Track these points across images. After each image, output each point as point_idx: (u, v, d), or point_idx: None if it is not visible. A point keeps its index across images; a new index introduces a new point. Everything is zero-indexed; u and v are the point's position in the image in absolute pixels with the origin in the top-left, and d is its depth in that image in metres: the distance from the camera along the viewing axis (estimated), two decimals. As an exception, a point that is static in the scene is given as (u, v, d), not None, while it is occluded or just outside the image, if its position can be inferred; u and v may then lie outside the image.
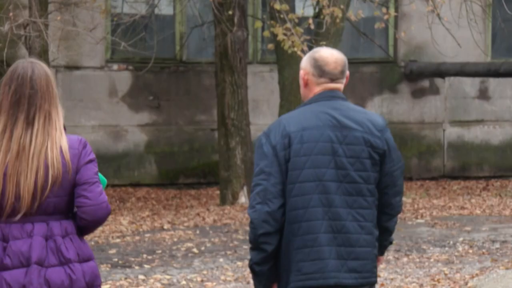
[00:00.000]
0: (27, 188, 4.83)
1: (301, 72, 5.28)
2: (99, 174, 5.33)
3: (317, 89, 5.24)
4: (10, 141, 4.90)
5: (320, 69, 5.22)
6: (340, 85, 5.29)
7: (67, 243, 4.91)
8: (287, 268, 5.10)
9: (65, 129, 5.08)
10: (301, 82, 5.30)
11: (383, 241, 5.40)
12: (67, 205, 4.98)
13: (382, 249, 5.47)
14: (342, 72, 5.27)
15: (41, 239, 4.85)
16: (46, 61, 15.59)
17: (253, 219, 5.05)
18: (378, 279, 10.27)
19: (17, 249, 4.81)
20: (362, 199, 5.11)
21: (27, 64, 5.07)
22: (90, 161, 5.14)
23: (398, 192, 5.32)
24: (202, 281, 10.33)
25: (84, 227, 5.05)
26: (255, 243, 5.12)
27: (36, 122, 4.92)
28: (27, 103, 4.94)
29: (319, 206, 5.05)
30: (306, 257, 5.04)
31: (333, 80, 5.24)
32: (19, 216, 4.86)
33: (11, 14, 15.20)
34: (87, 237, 12.93)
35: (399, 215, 12.33)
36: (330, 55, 5.26)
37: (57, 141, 4.93)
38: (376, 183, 5.17)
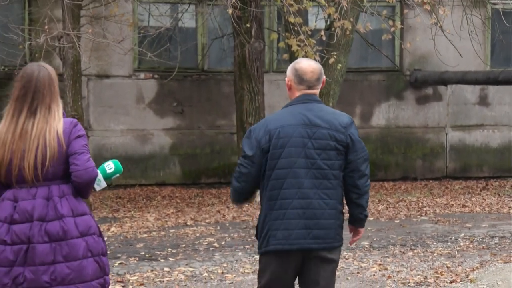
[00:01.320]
0: (28, 162, 5.80)
1: (286, 79, 6.35)
2: (117, 162, 6.20)
3: (298, 93, 6.25)
4: (16, 126, 5.86)
5: (300, 78, 6.23)
6: (316, 91, 6.32)
7: (63, 202, 5.85)
8: (265, 234, 6.10)
9: (64, 115, 6.02)
10: (287, 87, 6.36)
11: (359, 215, 6.38)
12: (64, 173, 5.88)
13: (360, 222, 6.46)
14: (318, 80, 6.27)
15: (43, 200, 5.82)
16: (79, 70, 15.69)
17: (234, 188, 6.32)
18: (385, 271, 10.35)
19: (23, 208, 5.80)
20: (327, 181, 6.06)
21: (35, 66, 6.06)
22: (79, 136, 5.93)
23: (363, 175, 6.18)
24: (222, 273, 10.35)
25: (78, 188, 5.90)
26: (234, 200, 6.63)
27: (38, 112, 5.87)
28: (31, 98, 5.89)
29: (291, 188, 6.03)
30: (278, 227, 6.04)
31: (310, 87, 6.24)
32: (26, 183, 5.84)
33: (46, 27, 15.25)
34: (117, 232, 13.01)
35: (403, 213, 12.53)
36: (308, 66, 6.27)
37: (54, 127, 5.85)
38: (341, 169, 6.12)
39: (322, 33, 16.38)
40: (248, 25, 16.40)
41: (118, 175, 6.23)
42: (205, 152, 19.33)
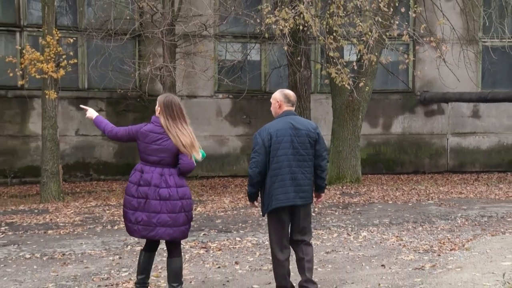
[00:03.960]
0: (185, 148, 7.06)
1: (277, 100, 7.38)
2: (201, 150, 7.36)
3: (284, 109, 7.34)
4: (171, 126, 7.09)
5: (287, 99, 7.36)
6: (293, 108, 7.41)
7: (170, 177, 6.99)
8: (269, 198, 7.08)
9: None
10: (276, 105, 7.40)
11: (321, 184, 7.39)
12: (173, 162, 7.06)
13: (322, 189, 7.47)
14: (295, 101, 7.47)
15: (158, 174, 6.97)
16: (174, 92, 15.78)
17: (251, 174, 7.14)
18: (401, 242, 10.25)
19: (145, 177, 6.98)
20: (306, 163, 7.17)
21: (171, 95, 7.34)
22: (192, 144, 7.13)
23: (323, 159, 7.30)
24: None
25: (181, 172, 7.08)
26: (251, 184, 7.19)
27: (180, 121, 7.14)
28: (173, 112, 7.12)
29: (285, 167, 7.09)
30: (279, 192, 7.06)
31: (292, 105, 7.38)
32: (151, 163, 7.05)
33: (151, 60, 15.42)
34: (201, 211, 12.97)
35: (415, 198, 12.31)
36: (291, 93, 7.47)
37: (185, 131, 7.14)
38: (313, 155, 7.23)
39: (354, 63, 16.34)
40: (298, 58, 16.43)
41: (203, 158, 7.37)
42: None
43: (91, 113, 7.39)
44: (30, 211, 13.82)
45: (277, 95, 7.37)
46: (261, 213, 7.44)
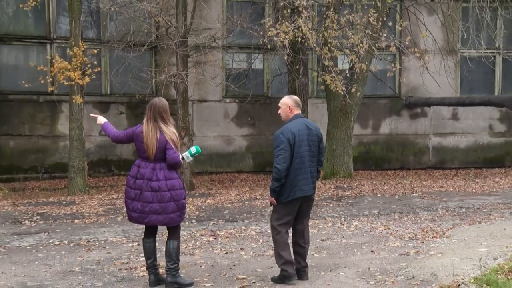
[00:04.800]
0: (151, 149, 7.01)
1: (288, 105, 7.39)
2: (197, 147, 7.44)
3: (295, 113, 7.40)
4: (148, 128, 7.04)
5: (297, 104, 7.44)
6: (301, 111, 7.52)
7: (161, 171, 7.03)
8: (291, 188, 7.15)
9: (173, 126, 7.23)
10: (287, 109, 7.41)
11: (318, 176, 7.54)
12: (163, 157, 7.05)
13: (319, 178, 7.63)
14: (301, 105, 7.79)
15: (151, 169, 7.03)
16: (186, 97, 15.80)
17: (280, 168, 7.07)
18: (388, 230, 10.24)
19: (141, 172, 7.06)
20: (315, 159, 7.37)
21: (156, 98, 7.24)
22: (172, 140, 7.06)
23: (322, 155, 7.50)
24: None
25: (169, 165, 7.05)
26: (279, 179, 7.08)
27: (157, 122, 7.06)
28: (153, 115, 7.08)
29: (305, 162, 7.23)
30: (303, 183, 7.21)
31: (300, 109, 7.50)
32: (147, 159, 7.08)
33: (166, 69, 15.38)
34: (211, 203, 12.98)
35: (401, 192, 12.28)
36: (298, 98, 7.57)
37: (164, 131, 7.05)
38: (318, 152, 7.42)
39: (347, 71, 16.32)
40: (297, 66, 16.40)
41: (198, 154, 7.39)
42: (269, 151, 19.26)
43: (100, 119, 7.50)
44: (59, 203, 13.84)
45: (288, 101, 7.40)
46: (270, 204, 7.52)
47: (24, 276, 7.90)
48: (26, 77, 17.39)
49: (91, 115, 8.45)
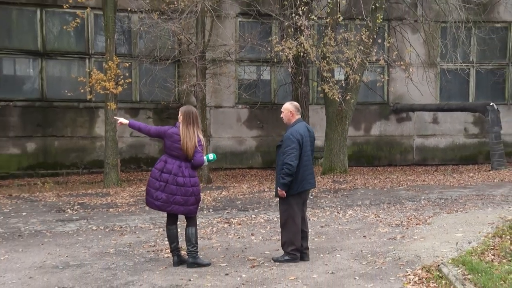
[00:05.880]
0: (190, 151, 7.01)
1: (290, 110, 7.31)
2: (214, 155, 7.54)
3: (296, 117, 7.33)
4: (187, 132, 7.04)
5: (297, 109, 7.37)
6: (301, 116, 7.47)
7: (186, 169, 7.03)
8: (301, 182, 7.14)
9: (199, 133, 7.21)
10: (289, 114, 7.31)
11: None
12: (190, 157, 7.03)
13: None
14: (301, 110, 7.82)
15: (177, 166, 7.01)
16: (204, 103, 15.80)
17: (293, 165, 7.01)
18: (378, 218, 10.18)
19: (168, 167, 7.02)
20: (311, 156, 7.26)
21: (190, 107, 7.27)
22: (200, 145, 7.10)
23: (313, 152, 7.34)
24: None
25: (193, 166, 7.09)
26: (290, 174, 7.02)
27: (194, 128, 7.09)
28: (192, 121, 7.11)
29: (310, 160, 7.23)
30: (311, 177, 7.24)
31: (300, 113, 7.42)
32: (174, 157, 7.06)
33: (187, 79, 15.43)
34: (225, 195, 12.95)
35: (389, 185, 12.12)
36: (298, 104, 7.47)
37: (199, 137, 7.13)
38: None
39: (342, 82, 16.27)
40: (300, 77, 16.38)
41: (214, 160, 7.49)
42: (275, 150, 19.27)
43: (123, 121, 7.36)
44: (96, 194, 13.87)
45: (290, 107, 7.33)
46: (275, 197, 7.63)
47: (67, 256, 7.93)
48: (68, 87, 17.48)
49: (115, 117, 8.41)
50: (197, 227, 7.29)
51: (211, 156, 7.41)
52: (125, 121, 7.36)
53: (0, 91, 17.86)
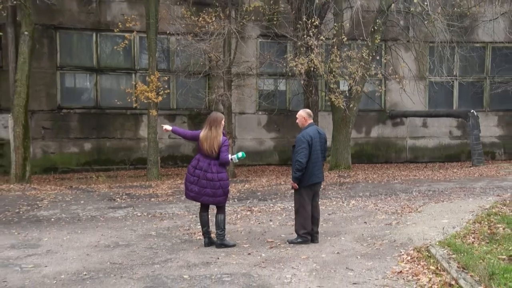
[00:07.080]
0: (208, 149, 6.98)
1: (303, 116, 7.22)
2: (243, 153, 7.33)
3: (309, 122, 7.25)
4: (210, 134, 7.03)
5: (309, 115, 7.30)
6: (312, 120, 7.31)
7: (213, 166, 6.99)
8: (310, 176, 7.10)
9: (223, 134, 7.13)
10: (303, 120, 7.22)
11: (323, 162, 7.30)
12: (217, 156, 7.00)
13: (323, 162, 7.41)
14: (313, 116, 7.65)
15: (207, 164, 6.98)
16: (230, 110, 15.82)
17: (303, 162, 6.99)
18: (376, 207, 10.10)
19: (200, 164, 7.01)
20: (322, 155, 7.22)
21: (214, 112, 7.28)
22: (225, 145, 7.02)
23: (326, 151, 7.32)
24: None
25: (220, 163, 7.01)
26: (301, 170, 7.01)
27: (214, 129, 7.04)
28: (213, 123, 7.08)
29: (318, 157, 7.16)
30: (319, 172, 7.17)
31: (312, 119, 7.34)
32: (205, 155, 7.02)
33: (216, 90, 15.49)
34: (248, 187, 12.91)
35: (386, 179, 11.92)
36: (310, 111, 7.36)
37: (219, 136, 7.02)
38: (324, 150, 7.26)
39: (346, 92, 16.21)
40: (310, 88, 16.34)
41: (243, 158, 7.28)
42: (290, 149, 19.22)
43: (168, 127, 7.36)
44: (140, 186, 13.96)
45: (303, 113, 7.28)
46: (291, 189, 7.75)
47: (116, 237, 8.00)
48: (118, 97, 17.64)
49: (162, 125, 8.50)
50: (225, 214, 7.27)
51: (240, 154, 7.35)
52: (169, 128, 7.38)
53: (63, 100, 18.07)
